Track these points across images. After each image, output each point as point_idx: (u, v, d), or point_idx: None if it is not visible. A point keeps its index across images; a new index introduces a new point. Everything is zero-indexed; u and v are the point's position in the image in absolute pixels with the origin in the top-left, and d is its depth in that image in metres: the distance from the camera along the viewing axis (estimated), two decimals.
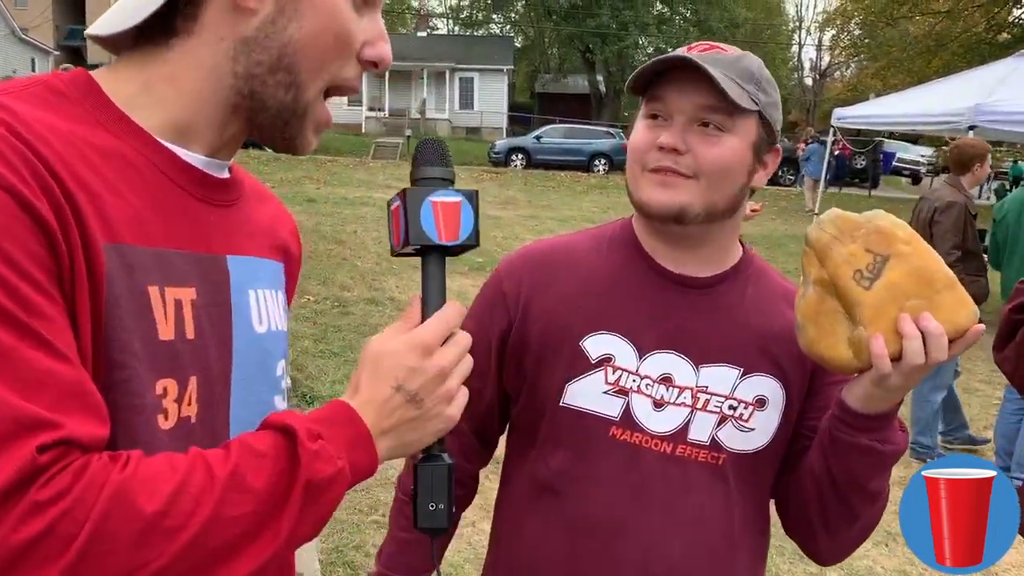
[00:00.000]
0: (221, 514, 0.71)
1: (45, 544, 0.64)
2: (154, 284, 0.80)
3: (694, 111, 1.16)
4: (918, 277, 1.04)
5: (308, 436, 0.77)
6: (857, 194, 24.34)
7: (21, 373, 0.66)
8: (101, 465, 0.69)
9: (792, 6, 63.06)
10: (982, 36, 25.60)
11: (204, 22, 0.85)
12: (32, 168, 0.71)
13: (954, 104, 8.29)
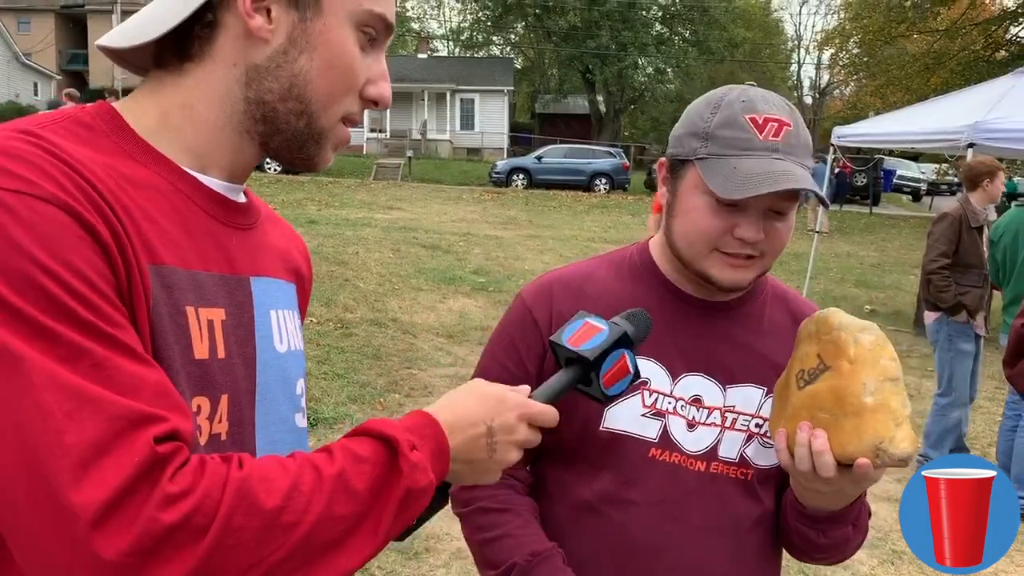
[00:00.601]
0: (330, 512, 0.76)
1: (182, 533, 0.69)
2: (190, 304, 0.84)
3: (772, 203, 1.17)
4: (836, 396, 1.08)
5: (408, 446, 0.82)
6: (858, 212, 24.39)
7: (117, 378, 0.71)
8: (217, 464, 0.73)
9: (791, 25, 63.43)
10: (980, 54, 25.71)
11: (218, 47, 0.89)
12: (86, 193, 0.75)
13: (953, 122, 8.28)
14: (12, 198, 0.71)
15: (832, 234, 18.36)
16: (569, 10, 34.97)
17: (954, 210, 5.21)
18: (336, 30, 0.90)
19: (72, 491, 0.66)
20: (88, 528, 0.66)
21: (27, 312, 0.69)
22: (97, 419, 0.68)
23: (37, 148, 0.76)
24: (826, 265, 13.77)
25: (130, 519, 0.67)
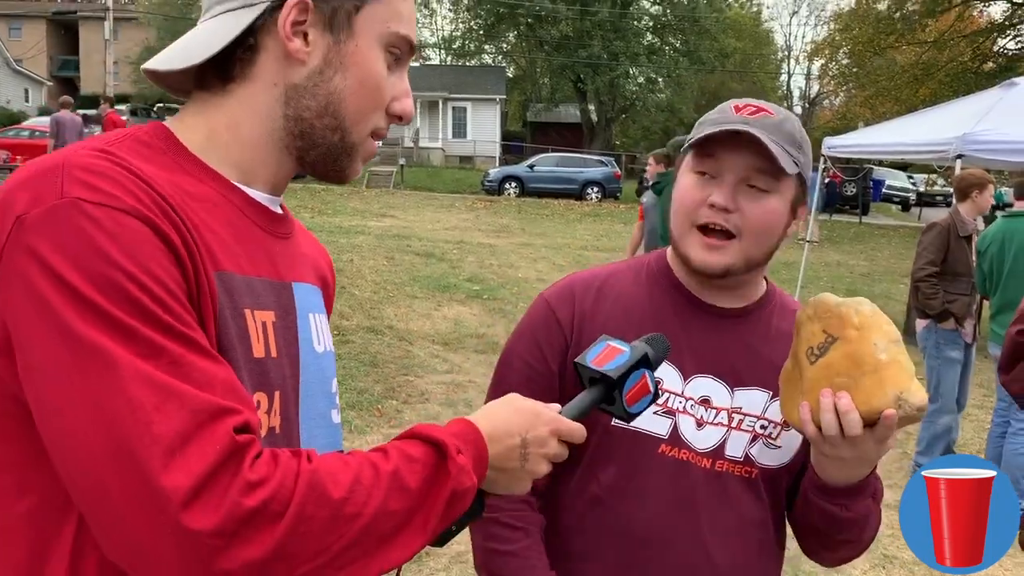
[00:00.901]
0: (386, 507, 0.82)
1: (262, 517, 0.75)
2: (248, 307, 0.91)
3: (744, 172, 1.26)
4: (851, 360, 1.14)
5: (455, 450, 0.88)
6: (847, 221, 24.56)
7: (194, 374, 0.77)
8: (288, 457, 0.80)
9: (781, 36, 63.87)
10: (968, 65, 25.98)
11: (259, 68, 0.95)
12: (160, 206, 0.82)
13: (942, 134, 8.39)
14: (98, 211, 0.78)
15: (822, 243, 18.49)
16: (561, 20, 35.13)
17: (943, 220, 5.34)
18: (366, 51, 0.96)
19: (162, 475, 0.72)
20: (178, 508, 0.72)
21: (115, 314, 0.75)
22: (182, 411, 0.74)
23: (117, 166, 0.82)
24: (816, 274, 13.88)
25: (216, 502, 0.73)
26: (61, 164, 0.81)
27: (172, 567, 0.73)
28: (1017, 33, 27.02)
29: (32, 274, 0.76)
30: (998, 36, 27.07)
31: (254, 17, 0.93)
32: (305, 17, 0.93)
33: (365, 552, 0.81)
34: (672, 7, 38.83)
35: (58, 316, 0.75)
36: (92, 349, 0.74)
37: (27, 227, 0.77)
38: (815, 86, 49.38)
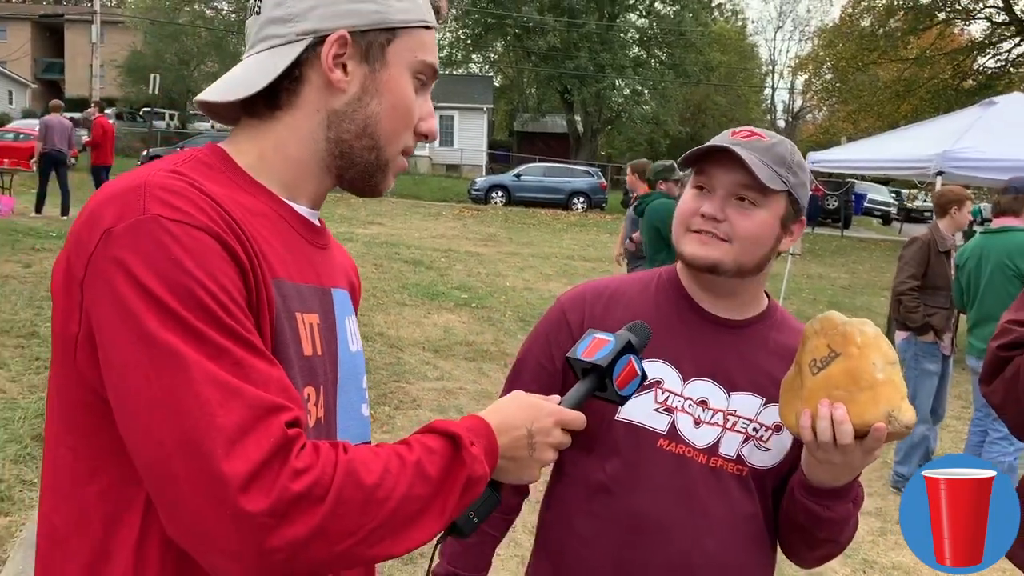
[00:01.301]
0: (411, 492, 0.92)
1: (304, 501, 0.84)
2: (298, 311, 1.01)
3: (732, 187, 1.39)
4: (850, 375, 1.24)
5: (468, 442, 0.98)
6: (829, 234, 24.83)
7: (253, 375, 0.87)
8: (328, 447, 0.89)
9: (765, 50, 64.44)
10: (948, 83, 26.38)
11: (303, 97, 1.05)
12: (227, 222, 0.92)
13: (923, 150, 8.58)
14: (176, 227, 0.88)
15: (805, 256, 18.70)
16: (548, 31, 35.35)
17: (923, 235, 5.49)
18: (398, 78, 1.07)
19: (224, 462, 0.82)
20: (237, 492, 0.81)
21: (187, 319, 0.85)
22: (242, 407, 0.84)
23: (189, 185, 0.92)
24: (799, 286, 14.06)
25: (268, 486, 0.82)
26: (143, 184, 0.91)
27: (230, 545, 0.82)
28: (996, 52, 27.49)
29: (117, 280, 0.86)
30: (978, 54, 27.52)
31: (300, 51, 1.03)
32: (344, 50, 1.03)
33: (393, 531, 0.90)
34: (658, 20, 39.15)
35: (138, 319, 0.84)
36: (167, 350, 0.84)
37: (114, 239, 0.87)
38: (798, 100, 49.87)
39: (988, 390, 1.82)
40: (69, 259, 0.91)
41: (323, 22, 1.02)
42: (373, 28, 1.04)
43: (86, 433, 0.93)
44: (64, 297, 0.92)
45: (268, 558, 0.83)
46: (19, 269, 8.64)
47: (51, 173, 13.28)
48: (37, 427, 4.67)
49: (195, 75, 42.27)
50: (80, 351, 0.90)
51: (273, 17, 1.04)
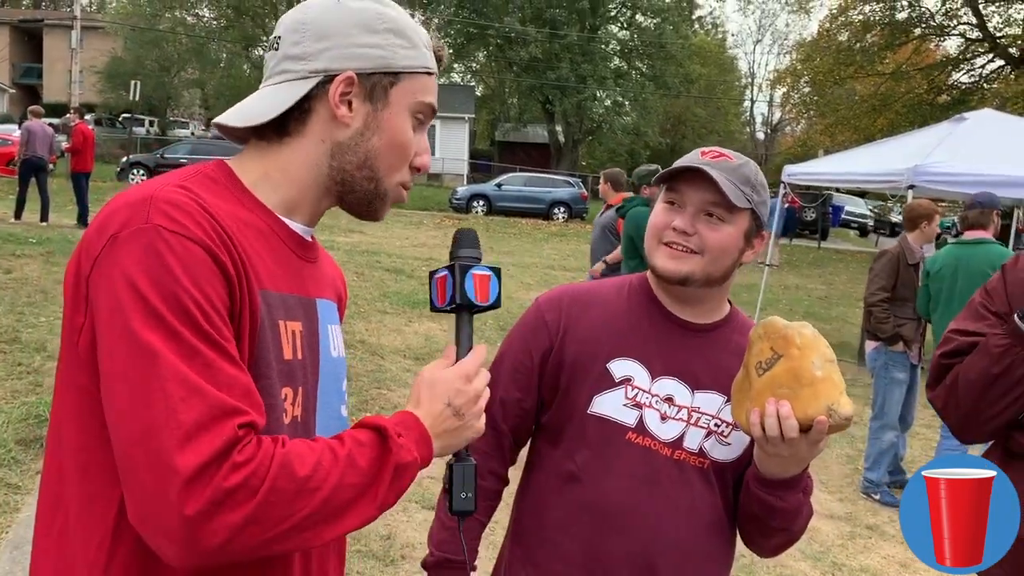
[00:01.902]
0: (342, 482, 1.00)
1: (241, 491, 0.93)
2: (281, 319, 1.12)
3: (702, 204, 1.51)
4: (792, 374, 1.36)
5: (395, 433, 1.07)
6: (807, 245, 25.13)
7: (219, 377, 0.95)
8: (269, 442, 0.98)
9: (745, 63, 65.12)
10: (924, 97, 26.77)
11: (311, 127, 1.16)
12: (218, 234, 1.02)
13: (895, 164, 8.76)
14: (172, 238, 0.98)
15: (782, 267, 18.93)
16: (530, 42, 35.53)
17: (893, 248, 5.66)
18: (398, 117, 1.18)
19: (176, 455, 0.90)
20: (183, 482, 0.90)
21: (168, 319, 0.95)
22: (202, 405, 0.93)
23: (192, 200, 1.03)
24: (776, 297, 14.26)
25: (208, 479, 0.91)
26: (151, 197, 1.01)
27: (172, 528, 0.91)
28: (970, 67, 27.97)
29: (115, 279, 0.96)
30: (952, 70, 27.98)
31: (311, 87, 1.14)
32: (351, 89, 1.15)
33: (326, 518, 0.99)
34: (639, 32, 39.47)
35: (126, 315, 0.95)
36: (145, 346, 0.93)
37: (118, 243, 0.98)
38: (777, 113, 50.41)
39: (932, 395, 1.94)
40: (80, 258, 1.02)
41: (333, 63, 1.14)
42: (378, 71, 1.15)
43: (83, 413, 1.02)
44: (73, 291, 1.02)
45: (205, 542, 0.91)
46: (0, 276, 8.63)
47: (31, 179, 13.25)
48: (21, 431, 4.71)
49: (175, 81, 42.11)
50: (83, 338, 1.00)
51: (290, 54, 1.15)
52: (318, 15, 1.16)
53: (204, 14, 41.57)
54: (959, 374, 1.85)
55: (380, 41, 1.15)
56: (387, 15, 1.17)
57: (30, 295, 7.85)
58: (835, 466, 6.01)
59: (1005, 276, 1.92)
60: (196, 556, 0.92)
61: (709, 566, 1.57)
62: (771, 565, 4.28)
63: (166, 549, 0.93)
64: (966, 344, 1.87)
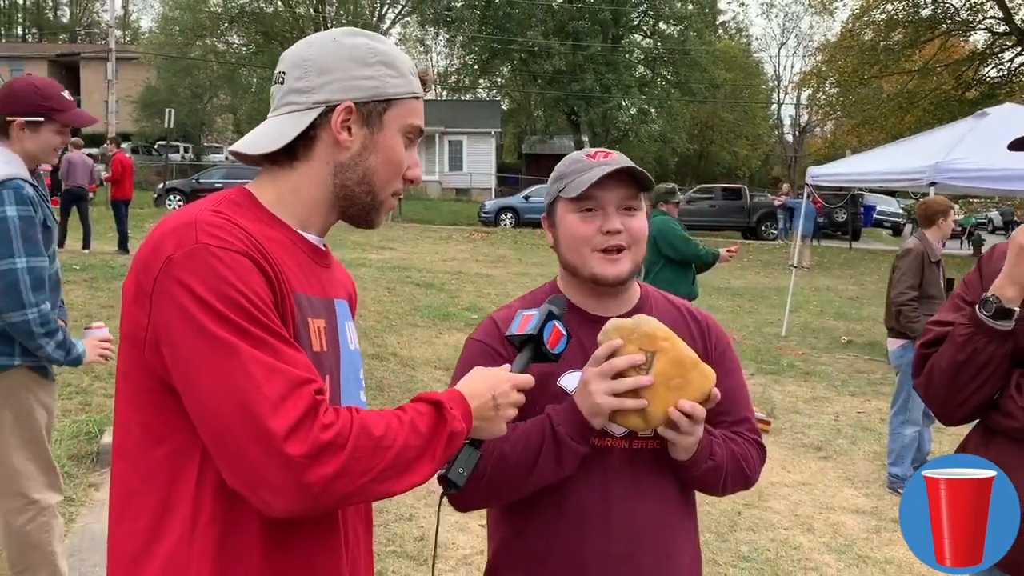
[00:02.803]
0: (407, 443, 1.19)
1: (331, 447, 1.12)
2: (310, 317, 1.30)
3: (621, 201, 1.62)
4: (676, 364, 1.48)
5: (449, 406, 1.27)
6: (838, 247, 24.96)
7: (287, 358, 1.15)
8: (345, 410, 1.18)
9: (770, 66, 64.78)
10: (951, 94, 26.54)
11: (316, 152, 1.35)
12: (257, 248, 1.21)
13: (917, 162, 8.77)
14: (220, 252, 1.17)
15: (812, 269, 18.86)
16: (554, 54, 35.77)
17: (915, 246, 5.65)
18: (391, 138, 1.37)
19: (271, 419, 1.09)
20: (282, 440, 1.09)
21: (235, 319, 1.13)
22: (281, 380, 1.12)
23: (227, 221, 1.22)
24: (806, 299, 14.24)
25: (304, 436, 1.10)
26: (194, 221, 1.20)
27: (277, 482, 1.10)
28: (999, 61, 27.68)
29: (179, 294, 1.14)
30: (980, 64, 27.70)
31: (314, 117, 1.32)
32: (350, 117, 1.33)
33: (397, 472, 1.17)
34: (663, 40, 39.57)
35: (199, 321, 1.13)
36: (222, 343, 1.12)
37: (174, 263, 1.16)
38: (804, 115, 50.11)
39: (915, 383, 2.06)
40: (138, 279, 1.20)
41: (333, 94, 1.32)
42: (373, 100, 1.33)
43: (152, 411, 1.21)
44: (134, 307, 1.20)
45: (306, 490, 1.10)
46: None
47: (72, 208, 13.70)
48: (73, 448, 4.96)
49: (208, 108, 42.95)
50: (148, 349, 1.18)
51: (294, 88, 1.33)
52: (317, 52, 1.33)
53: (234, 41, 42.50)
54: (933, 363, 1.96)
55: (373, 73, 1.32)
56: (378, 49, 1.34)
57: (76, 319, 8.14)
58: (861, 463, 6.07)
59: (981, 268, 2.02)
60: (300, 502, 1.10)
61: (681, 539, 1.67)
62: (796, 559, 4.38)
63: (272, 500, 1.10)
64: (941, 334, 1.97)
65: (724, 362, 1.73)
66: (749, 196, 28.21)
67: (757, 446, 1.73)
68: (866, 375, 8.94)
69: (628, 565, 1.60)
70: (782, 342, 10.51)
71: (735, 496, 4.84)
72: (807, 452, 6.21)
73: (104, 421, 5.30)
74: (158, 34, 43.78)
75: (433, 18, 39.00)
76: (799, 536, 4.69)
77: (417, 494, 4.71)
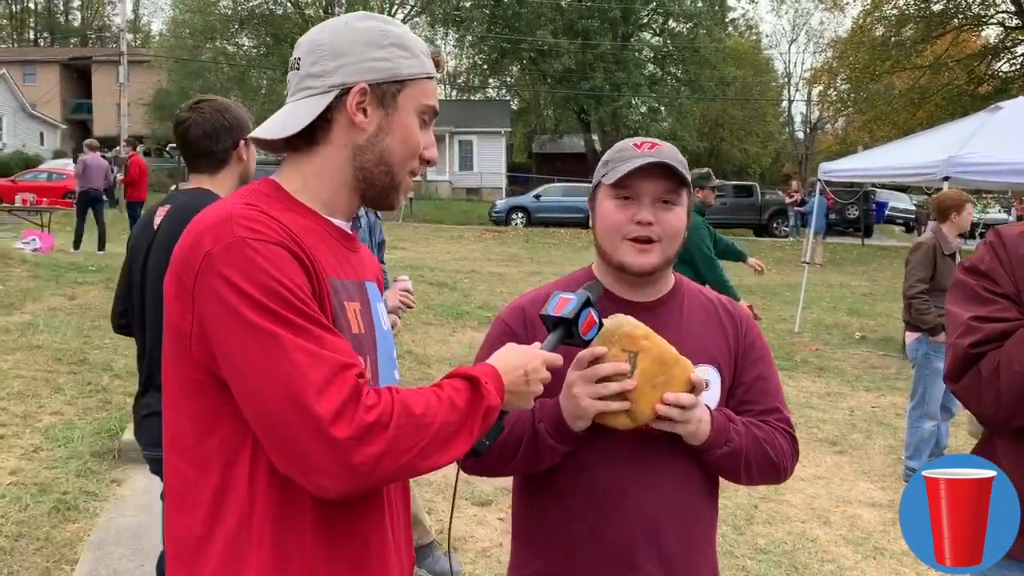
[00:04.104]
0: (447, 418, 1.21)
1: (376, 427, 1.14)
2: (346, 300, 1.32)
3: (658, 193, 1.63)
4: (659, 362, 1.51)
5: (484, 381, 1.29)
6: (851, 243, 24.88)
7: (328, 344, 1.17)
8: (386, 391, 1.20)
9: (781, 63, 64.56)
10: (964, 88, 26.39)
11: (334, 135, 1.36)
12: (292, 238, 1.23)
13: (930, 157, 8.73)
14: (258, 244, 1.19)
15: (825, 265, 18.83)
16: (563, 53, 35.76)
17: (928, 239, 5.68)
18: (406, 118, 1.38)
19: (316, 404, 1.11)
20: (328, 424, 1.11)
21: (276, 309, 1.15)
22: (324, 366, 1.14)
23: (261, 213, 1.24)
24: (819, 295, 14.22)
25: (349, 418, 1.12)
26: (229, 216, 1.22)
27: (326, 464, 1.12)
28: (1012, 55, 27.52)
29: (220, 287, 1.17)
30: (993, 59, 27.54)
31: (330, 100, 1.34)
32: (365, 99, 1.34)
33: (439, 447, 1.20)
34: (672, 38, 39.52)
35: (241, 313, 1.15)
36: (266, 332, 1.14)
37: (214, 257, 1.18)
38: (815, 111, 49.92)
39: (959, 387, 1.86)
40: (179, 276, 1.22)
41: (348, 77, 1.33)
42: (387, 81, 1.35)
43: (202, 402, 1.24)
44: (177, 304, 1.23)
45: (354, 471, 1.13)
46: (65, 302, 9.07)
47: (87, 211, 13.82)
48: (95, 445, 5.02)
49: None
50: (194, 343, 1.21)
51: (310, 72, 1.35)
52: (331, 36, 1.34)
53: (244, 43, 42.66)
54: (996, 366, 1.77)
55: (386, 55, 1.34)
56: (390, 31, 1.36)
57: (94, 319, 8.25)
58: (877, 456, 6.07)
59: (998, 255, 1.87)
60: (350, 482, 1.13)
61: (699, 528, 1.67)
62: (813, 551, 4.40)
63: (323, 482, 1.13)
64: (994, 332, 1.80)
65: (753, 351, 1.73)
66: (760, 193, 28.18)
67: (787, 436, 1.70)
68: (880, 370, 8.93)
69: (645, 546, 1.61)
70: (795, 338, 10.51)
71: (750, 489, 4.87)
72: (822, 447, 6.22)
73: (124, 418, 5.37)
74: (169, 37, 43.97)
75: (442, 18, 39.09)
76: (816, 529, 4.70)
77: (436, 488, 4.76)
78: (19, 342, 7.12)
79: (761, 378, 1.72)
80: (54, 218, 16.07)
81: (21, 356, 6.73)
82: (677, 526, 1.63)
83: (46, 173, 26.14)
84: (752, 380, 1.67)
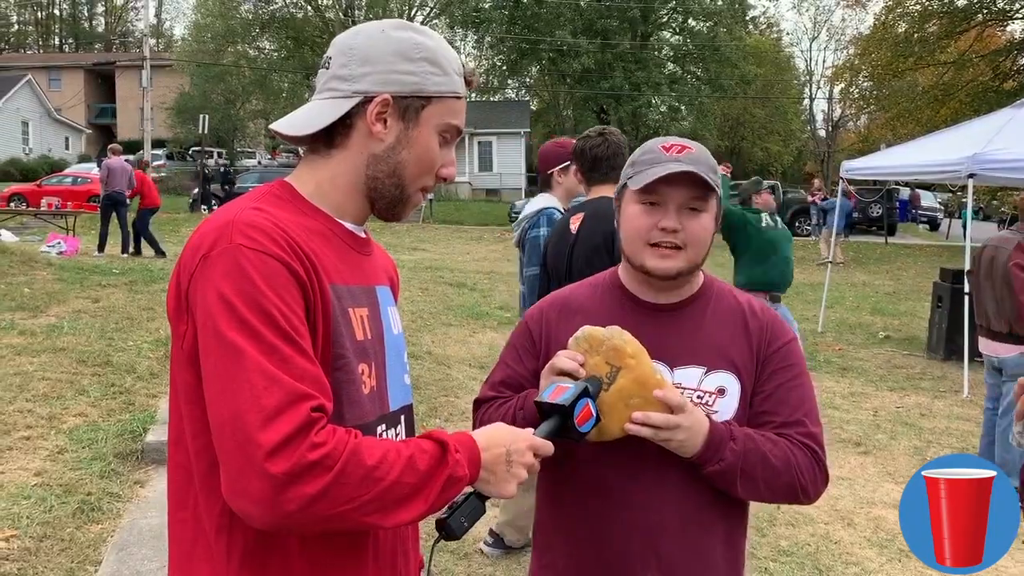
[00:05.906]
0: (401, 478, 1.15)
1: (318, 467, 1.09)
2: (351, 306, 1.31)
3: (683, 200, 1.59)
4: (639, 383, 1.48)
5: (454, 449, 1.23)
6: (874, 242, 24.64)
7: (295, 370, 1.13)
8: (343, 432, 1.15)
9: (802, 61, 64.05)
10: (988, 84, 26.06)
11: (352, 140, 1.35)
12: (290, 245, 1.21)
13: (955, 153, 8.60)
14: (252, 254, 1.17)
15: (848, 264, 18.65)
16: (582, 53, 35.69)
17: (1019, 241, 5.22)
18: (426, 136, 1.36)
19: (260, 432, 1.07)
20: (266, 454, 1.07)
21: (250, 321, 1.12)
22: (280, 393, 1.10)
23: (267, 220, 1.21)
24: (842, 294, 14.09)
25: (291, 453, 1.07)
26: (232, 221, 1.20)
27: (256, 495, 1.07)
28: None
29: (208, 291, 1.16)
30: (1018, 54, 27.18)
31: (352, 105, 1.33)
32: (386, 109, 1.33)
33: (383, 507, 1.13)
34: (692, 36, 39.32)
35: (215, 320, 1.13)
36: (232, 346, 1.11)
37: (209, 261, 1.17)
38: (838, 109, 49.50)
39: None
40: (179, 277, 1.22)
41: (373, 86, 1.32)
42: (412, 95, 1.33)
43: (200, 401, 1.21)
44: (176, 304, 1.23)
45: (281, 508, 1.07)
46: (89, 304, 9.16)
47: (111, 214, 13.96)
48: (118, 446, 5.06)
49: (240, 113, 43.47)
50: (187, 343, 1.20)
51: (337, 74, 1.34)
52: (364, 42, 1.33)
53: (265, 46, 42.97)
54: None
55: (415, 69, 1.32)
56: (424, 45, 1.34)
57: (118, 322, 8.32)
58: (901, 457, 6.00)
59: None
60: (275, 518, 1.08)
61: (707, 539, 1.62)
62: (837, 553, 4.35)
63: (250, 511, 1.09)
64: None
65: (777, 359, 1.65)
66: (782, 192, 27.96)
67: (808, 452, 1.61)
68: (904, 370, 8.83)
69: (644, 554, 1.58)
70: (819, 338, 10.41)
71: None
72: (846, 447, 6.16)
73: (147, 420, 5.41)
74: (191, 41, 44.34)
75: (461, 19, 39.12)
76: (839, 531, 4.65)
77: None
78: (44, 344, 7.19)
79: (783, 388, 1.64)
80: (79, 222, 16.25)
81: (46, 358, 6.80)
82: (680, 537, 1.59)
83: (71, 177, 26.41)
84: (772, 390, 1.62)
